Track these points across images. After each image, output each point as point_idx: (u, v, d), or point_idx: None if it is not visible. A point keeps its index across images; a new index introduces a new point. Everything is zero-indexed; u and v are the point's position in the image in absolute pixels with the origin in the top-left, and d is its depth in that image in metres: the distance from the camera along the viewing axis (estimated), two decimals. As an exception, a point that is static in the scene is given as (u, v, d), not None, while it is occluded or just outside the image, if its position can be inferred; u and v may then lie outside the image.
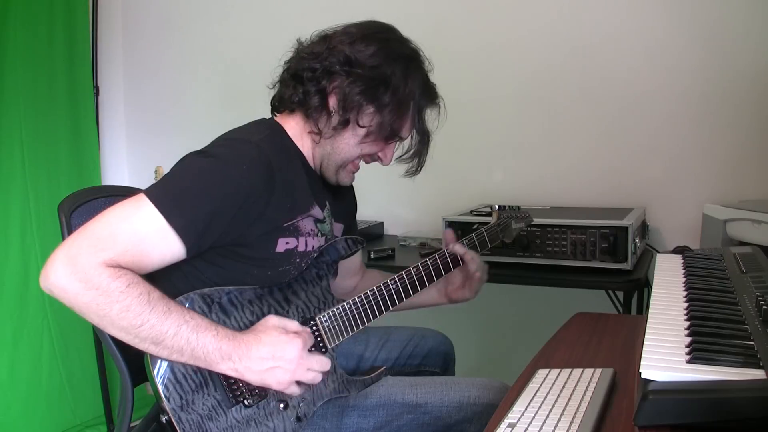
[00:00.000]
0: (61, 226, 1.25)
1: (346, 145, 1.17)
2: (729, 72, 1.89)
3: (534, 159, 2.18)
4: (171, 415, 0.99)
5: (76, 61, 2.58)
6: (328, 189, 1.25)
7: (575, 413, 0.78)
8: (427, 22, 2.19)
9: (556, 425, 0.75)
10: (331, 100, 1.14)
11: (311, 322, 1.14)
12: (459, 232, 1.73)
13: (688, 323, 0.82)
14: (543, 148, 2.17)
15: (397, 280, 1.22)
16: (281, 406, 1.09)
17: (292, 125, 1.19)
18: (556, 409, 0.80)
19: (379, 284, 1.21)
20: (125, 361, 1.18)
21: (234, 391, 1.05)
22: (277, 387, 1.04)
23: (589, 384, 0.87)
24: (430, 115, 1.23)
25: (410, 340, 1.47)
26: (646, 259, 1.82)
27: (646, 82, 1.99)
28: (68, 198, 1.29)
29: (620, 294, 1.82)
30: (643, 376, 0.69)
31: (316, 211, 1.19)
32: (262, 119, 1.22)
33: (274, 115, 1.25)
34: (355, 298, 1.18)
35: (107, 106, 2.87)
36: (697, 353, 0.72)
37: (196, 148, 1.09)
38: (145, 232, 0.98)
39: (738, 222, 1.62)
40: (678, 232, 1.99)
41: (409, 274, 1.24)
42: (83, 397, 2.40)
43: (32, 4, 2.38)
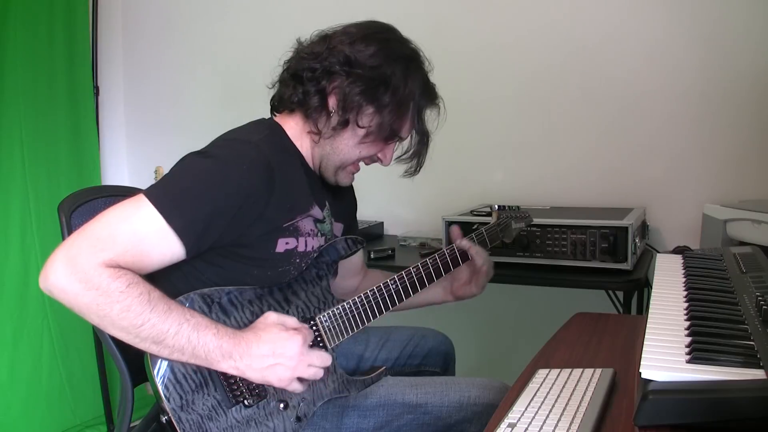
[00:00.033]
0: (61, 226, 1.25)
1: (346, 146, 1.17)
2: (729, 72, 1.89)
3: (534, 159, 2.18)
4: (171, 415, 0.99)
5: (76, 61, 2.58)
6: (328, 189, 1.25)
7: (575, 413, 0.78)
8: (427, 22, 2.19)
9: (556, 425, 0.75)
10: (331, 101, 1.14)
11: (311, 322, 1.14)
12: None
13: (688, 323, 0.82)
14: (543, 148, 2.17)
15: (397, 280, 1.22)
16: (281, 406, 1.09)
17: (292, 125, 1.19)
18: (556, 409, 0.80)
19: (379, 284, 1.21)
20: (125, 361, 1.18)
21: (234, 391, 1.05)
22: (278, 384, 1.04)
23: (589, 384, 0.87)
24: (429, 116, 1.23)
25: (410, 340, 1.47)
26: (646, 259, 1.82)
27: (646, 82, 1.99)
28: (68, 198, 1.29)
29: (620, 294, 1.82)
30: (643, 376, 0.69)
31: (316, 211, 1.19)
32: (261, 119, 1.22)
33: (274, 115, 1.25)
34: (355, 298, 1.18)
35: (107, 106, 2.87)
36: (697, 353, 0.72)
37: (196, 148, 1.09)
38: (145, 233, 0.98)
39: (738, 222, 1.62)
40: (678, 232, 1.99)
41: (409, 274, 1.24)
42: (83, 397, 2.40)
43: (32, 4, 2.38)
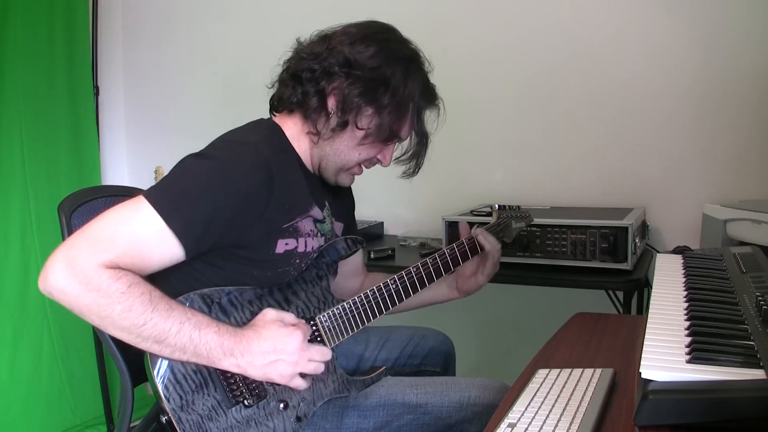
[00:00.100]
0: (61, 226, 1.25)
1: (345, 147, 1.16)
2: (729, 72, 1.89)
3: (534, 159, 2.18)
4: (171, 416, 0.99)
5: (76, 61, 2.58)
6: (327, 189, 1.25)
7: (575, 413, 0.78)
8: (427, 23, 2.19)
9: (556, 425, 0.75)
10: (330, 101, 1.14)
11: (311, 322, 1.14)
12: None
13: (688, 323, 0.82)
14: (543, 148, 2.17)
15: (397, 280, 1.22)
16: (281, 406, 1.09)
17: (290, 126, 1.19)
18: (556, 409, 0.80)
19: (379, 284, 1.21)
20: (125, 361, 1.18)
21: (234, 391, 1.05)
22: (280, 380, 1.04)
23: (589, 384, 0.87)
24: (429, 116, 1.23)
25: (410, 339, 1.47)
26: (646, 259, 1.82)
27: (646, 82, 1.99)
28: (68, 198, 1.29)
29: (620, 294, 1.82)
30: (643, 376, 0.68)
31: (316, 212, 1.19)
32: (260, 120, 1.22)
33: (273, 115, 1.24)
34: (355, 298, 1.18)
35: (107, 106, 2.87)
36: (697, 353, 0.72)
37: (196, 148, 1.09)
38: (144, 234, 0.98)
39: (738, 222, 1.62)
40: (678, 232, 1.99)
41: (409, 274, 1.24)
42: (83, 397, 2.40)
43: (32, 4, 2.37)
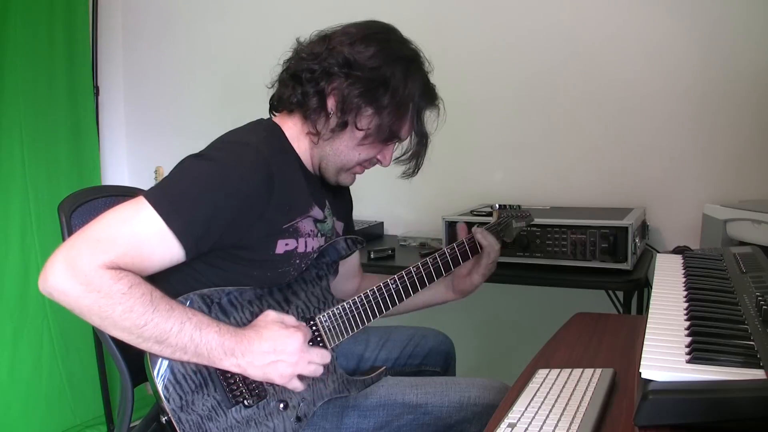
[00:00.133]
0: (61, 226, 1.25)
1: (345, 147, 1.16)
2: (729, 72, 1.89)
3: (534, 159, 2.18)
4: (171, 416, 0.99)
5: (76, 61, 2.58)
6: (327, 188, 1.25)
7: (575, 413, 0.78)
8: (428, 23, 2.19)
9: (556, 425, 0.75)
10: (330, 102, 1.14)
11: (311, 322, 1.14)
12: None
13: (688, 323, 0.82)
14: (543, 148, 2.17)
15: (397, 280, 1.22)
16: (281, 406, 1.09)
17: (290, 126, 1.19)
18: (556, 409, 0.80)
19: (379, 284, 1.21)
20: (125, 361, 1.18)
21: (234, 391, 1.05)
22: (279, 381, 1.04)
23: (589, 384, 0.87)
24: (429, 116, 1.23)
25: (410, 339, 1.47)
26: (646, 259, 1.82)
27: (646, 82, 1.99)
28: (68, 198, 1.29)
29: (620, 294, 1.82)
30: (643, 376, 0.68)
31: (316, 212, 1.18)
32: (260, 120, 1.21)
33: (273, 115, 1.24)
34: (355, 298, 1.18)
35: (107, 106, 2.87)
36: (697, 353, 0.72)
37: (196, 148, 1.09)
38: (145, 235, 0.98)
39: (738, 222, 1.62)
40: (678, 232, 1.99)
41: (410, 273, 1.23)
42: (83, 397, 2.40)
43: (32, 4, 2.37)
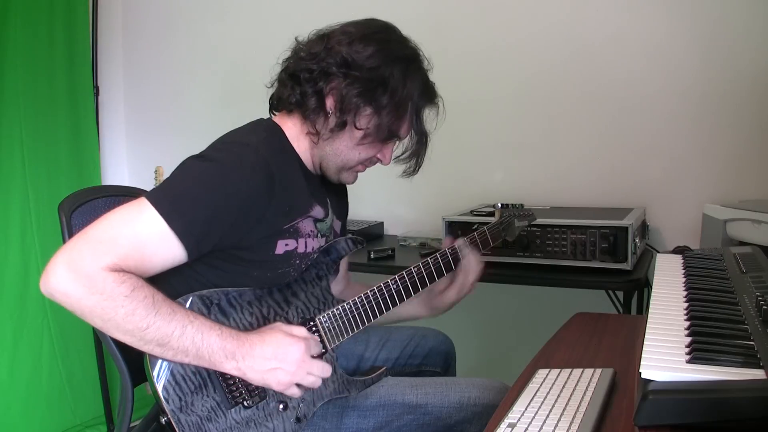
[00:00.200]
0: (62, 226, 1.25)
1: (345, 147, 1.16)
2: (729, 72, 1.89)
3: (534, 159, 2.18)
4: (170, 417, 0.99)
5: (76, 61, 2.58)
6: (328, 187, 1.25)
7: (575, 413, 0.78)
8: (427, 23, 2.18)
9: (556, 425, 0.75)
10: (329, 102, 1.13)
11: (311, 323, 1.14)
12: (459, 231, 1.74)
13: (688, 323, 0.82)
14: (543, 148, 2.17)
15: (398, 280, 1.22)
16: (281, 407, 1.09)
17: (290, 126, 1.18)
18: (556, 409, 0.80)
19: (380, 284, 1.20)
20: (125, 361, 1.18)
21: (233, 392, 1.04)
22: (277, 387, 1.04)
23: (589, 384, 0.87)
24: (429, 116, 1.22)
25: (411, 339, 1.47)
26: (646, 259, 1.82)
27: (646, 83, 1.99)
28: (68, 198, 1.29)
29: (620, 294, 1.82)
30: (643, 376, 0.68)
31: (317, 211, 1.18)
32: (259, 120, 1.21)
33: (273, 114, 1.24)
34: (355, 298, 1.18)
35: (107, 106, 2.87)
36: (697, 353, 0.72)
37: (196, 148, 1.09)
38: (147, 236, 0.98)
39: (738, 222, 1.62)
40: (678, 232, 1.99)
41: (410, 273, 1.23)
42: (83, 397, 2.40)
43: (32, 4, 2.38)
